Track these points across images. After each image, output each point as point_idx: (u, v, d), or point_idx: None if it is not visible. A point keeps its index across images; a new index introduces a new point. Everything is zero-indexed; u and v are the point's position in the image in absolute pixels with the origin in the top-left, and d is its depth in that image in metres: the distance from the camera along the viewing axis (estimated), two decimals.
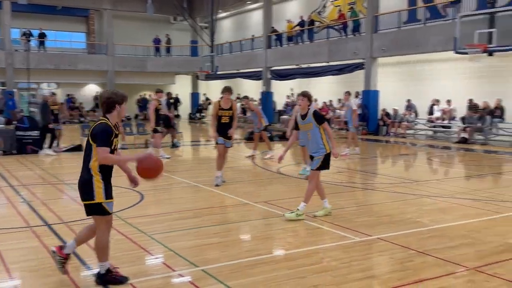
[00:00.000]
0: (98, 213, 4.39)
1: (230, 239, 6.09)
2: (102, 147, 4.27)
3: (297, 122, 7.14)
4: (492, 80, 19.21)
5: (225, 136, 9.52)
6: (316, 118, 6.85)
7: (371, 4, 22.09)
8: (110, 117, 4.42)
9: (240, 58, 31.64)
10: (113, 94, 4.45)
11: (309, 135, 6.98)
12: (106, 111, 4.43)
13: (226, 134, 9.51)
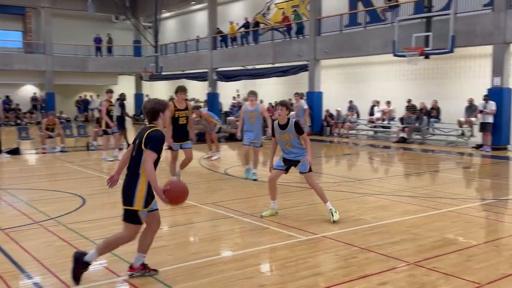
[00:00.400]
0: (132, 221, 4.49)
1: (177, 242, 6.02)
2: (152, 151, 4.38)
3: (273, 131, 6.98)
4: (428, 82, 20.11)
5: (182, 139, 9.13)
6: (297, 129, 6.79)
7: (313, 8, 22.54)
8: (156, 124, 4.61)
9: (185, 59, 31.38)
10: (156, 104, 4.67)
11: (288, 144, 6.89)
12: (152, 119, 4.64)
13: (184, 136, 9.13)
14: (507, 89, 16.08)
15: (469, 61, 18.72)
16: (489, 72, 16.60)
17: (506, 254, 5.48)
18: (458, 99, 17.95)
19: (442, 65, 19.50)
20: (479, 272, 4.87)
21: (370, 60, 21.78)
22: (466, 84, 18.56)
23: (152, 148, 4.37)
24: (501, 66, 15.94)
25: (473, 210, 7.73)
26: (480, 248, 5.70)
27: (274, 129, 7.00)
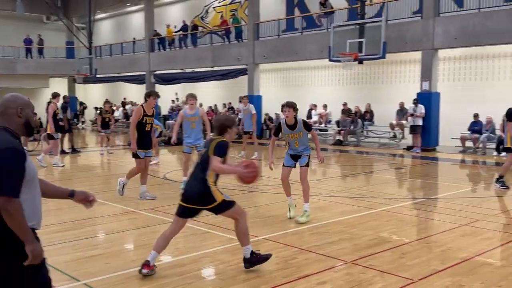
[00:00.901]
0: (227, 208, 4.93)
1: (114, 250, 5.85)
2: (217, 156, 4.78)
3: (282, 131, 7.13)
4: (362, 86, 20.83)
5: (148, 146, 8.64)
6: (307, 127, 7.13)
7: (251, 12, 22.74)
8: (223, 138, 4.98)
9: (121, 61, 30.62)
10: (225, 120, 5.09)
11: (297, 143, 7.10)
12: (220, 134, 5.02)
13: (149, 144, 8.67)
14: (435, 93, 16.97)
15: (400, 66, 19.59)
16: (419, 77, 17.45)
17: (437, 251, 5.77)
18: (390, 103, 18.73)
19: (375, 70, 20.28)
20: (412, 269, 5.09)
21: (308, 64, 22.25)
22: (397, 88, 19.40)
23: (217, 153, 4.79)
24: (430, 71, 16.81)
25: (405, 209, 8.08)
26: (412, 246, 5.96)
27: (282, 129, 7.19)
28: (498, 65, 16.97)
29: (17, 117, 2.86)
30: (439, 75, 17.60)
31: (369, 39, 16.12)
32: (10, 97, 2.91)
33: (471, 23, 15.76)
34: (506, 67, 16.80)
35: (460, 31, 16.03)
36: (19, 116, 2.86)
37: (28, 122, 2.91)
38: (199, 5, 28.69)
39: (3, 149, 2.67)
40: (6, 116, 2.85)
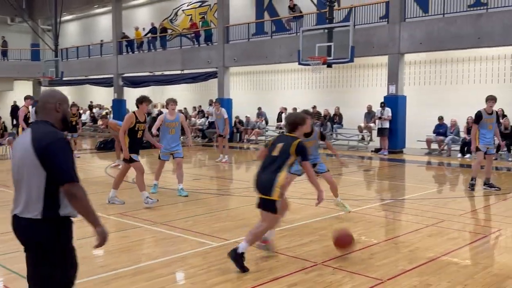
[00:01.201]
0: (271, 210, 5.15)
1: (82, 256, 5.68)
2: (307, 161, 5.37)
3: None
4: (331, 90, 21.08)
5: (138, 151, 8.43)
6: (322, 137, 7.86)
7: (221, 15, 22.73)
8: (295, 134, 5.44)
9: (89, 64, 30.10)
10: (297, 118, 5.59)
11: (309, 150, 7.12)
12: (291, 130, 5.48)
13: (139, 149, 8.48)
14: (402, 96, 17.32)
15: (368, 70, 19.93)
16: (385, 81, 17.79)
17: (404, 251, 5.89)
18: (358, 106, 19.02)
19: (343, 74, 20.56)
20: (380, 269, 5.18)
21: (277, 68, 22.38)
22: (365, 92, 19.72)
23: (306, 159, 5.36)
24: (396, 75, 17.15)
25: (373, 210, 8.22)
26: (381, 246, 6.07)
27: None
28: (461, 69, 17.46)
29: (55, 112, 3.03)
30: (405, 79, 17.99)
31: (337, 43, 16.33)
32: (50, 92, 3.11)
33: (435, 28, 16.19)
34: (469, 71, 17.30)
35: (425, 36, 16.43)
36: (57, 110, 3.04)
37: (65, 116, 3.10)
38: (168, 7, 28.49)
39: (61, 138, 2.93)
40: (46, 111, 3.03)
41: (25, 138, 2.93)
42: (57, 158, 2.85)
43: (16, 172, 2.98)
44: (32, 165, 2.87)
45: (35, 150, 2.86)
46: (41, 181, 2.87)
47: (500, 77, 16.60)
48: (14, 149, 3.08)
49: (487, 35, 15.09)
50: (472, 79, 17.19)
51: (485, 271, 5.13)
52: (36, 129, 2.97)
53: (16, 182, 2.99)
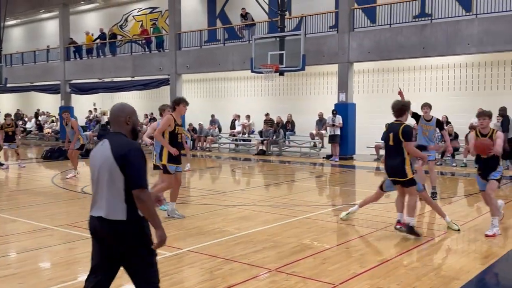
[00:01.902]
0: (411, 184, 6.56)
1: (28, 269, 5.50)
2: (410, 142, 6.47)
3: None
4: (284, 97, 21.32)
5: (178, 160, 7.66)
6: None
7: (173, 22, 22.55)
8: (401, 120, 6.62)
9: (34, 70, 29.07)
10: (404, 104, 6.75)
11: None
12: (399, 115, 6.66)
13: (180, 157, 7.72)
14: (352, 104, 17.75)
15: (319, 78, 20.31)
16: (336, 89, 18.18)
17: (356, 255, 6.00)
18: (310, 113, 19.32)
19: (295, 82, 20.85)
20: (333, 274, 5.26)
21: (230, 75, 22.42)
22: (316, 99, 20.06)
23: (409, 140, 6.43)
24: (346, 83, 17.57)
25: (325, 216, 8.35)
26: (333, 251, 6.16)
27: None
28: (408, 78, 18.09)
29: (126, 124, 3.43)
30: (355, 87, 18.44)
31: (289, 51, 16.55)
32: (119, 107, 3.49)
33: (383, 38, 16.72)
34: (415, 80, 17.95)
35: (373, 45, 16.94)
36: (127, 123, 3.43)
37: (135, 128, 3.49)
38: (117, 13, 27.99)
39: (137, 147, 3.32)
40: (118, 123, 3.43)
41: (104, 148, 3.31)
42: (133, 165, 3.24)
43: (97, 178, 3.34)
44: (113, 172, 3.25)
45: (115, 159, 3.24)
46: (121, 186, 3.24)
47: (444, 86, 17.34)
48: (93, 158, 3.41)
49: (431, 45, 15.74)
50: (417, 88, 17.84)
51: (433, 273, 5.30)
52: (113, 139, 3.35)
53: (97, 187, 3.35)
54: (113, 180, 3.25)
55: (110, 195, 3.27)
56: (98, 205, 3.33)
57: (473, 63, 16.67)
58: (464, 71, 16.95)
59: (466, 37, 15.09)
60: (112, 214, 3.25)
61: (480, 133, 6.94)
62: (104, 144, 3.35)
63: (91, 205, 3.40)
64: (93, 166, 3.40)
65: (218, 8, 23.48)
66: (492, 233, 6.68)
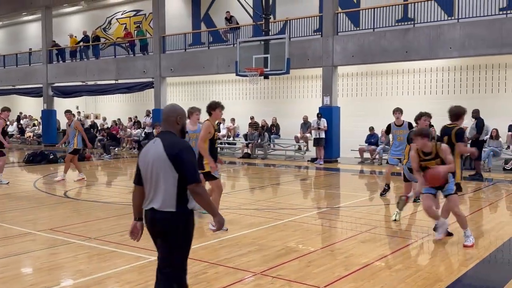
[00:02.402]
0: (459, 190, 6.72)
1: (10, 274, 5.41)
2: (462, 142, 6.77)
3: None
4: (268, 100, 21.37)
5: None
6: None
7: (157, 25, 22.47)
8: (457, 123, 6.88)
9: (16, 73, 28.68)
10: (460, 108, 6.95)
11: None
12: (455, 120, 6.91)
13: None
14: (336, 107, 17.85)
15: (303, 81, 20.40)
16: (320, 92, 18.27)
17: (340, 258, 6.03)
18: (295, 117, 19.38)
19: (280, 85, 20.91)
20: (318, 276, 5.27)
21: (215, 78, 22.40)
22: (301, 103, 20.14)
23: (461, 141, 6.75)
24: (330, 86, 17.67)
25: (310, 219, 8.37)
26: (318, 254, 6.18)
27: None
28: (391, 82, 18.28)
29: (176, 124, 3.69)
30: (339, 90, 18.57)
31: (273, 55, 16.60)
32: (170, 108, 3.77)
33: (366, 42, 16.87)
34: (398, 83, 18.14)
35: (356, 49, 17.08)
36: (178, 123, 3.70)
37: (184, 128, 3.76)
38: (101, 16, 27.79)
39: (188, 146, 3.64)
40: (169, 123, 3.69)
41: (157, 146, 3.58)
42: (186, 163, 3.53)
43: (150, 174, 3.59)
44: (166, 169, 3.52)
45: (168, 156, 3.51)
46: (174, 182, 3.54)
47: (426, 89, 17.55)
48: (145, 155, 3.65)
49: (414, 49, 15.93)
50: (400, 91, 18.03)
51: (416, 275, 5.35)
52: (165, 138, 3.61)
53: (150, 182, 3.60)
54: (165, 176, 3.54)
55: (162, 190, 3.55)
56: (150, 199, 3.62)
57: (455, 66, 16.92)
58: (446, 75, 17.18)
59: (448, 41, 15.31)
60: (164, 206, 3.56)
61: (423, 153, 6.43)
62: (156, 143, 3.60)
63: (145, 199, 3.68)
64: (145, 163, 3.64)
65: (203, 11, 23.47)
66: (470, 243, 6.38)
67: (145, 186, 3.67)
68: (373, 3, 17.53)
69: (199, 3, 23.59)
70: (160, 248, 3.73)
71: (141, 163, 3.69)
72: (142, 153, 3.71)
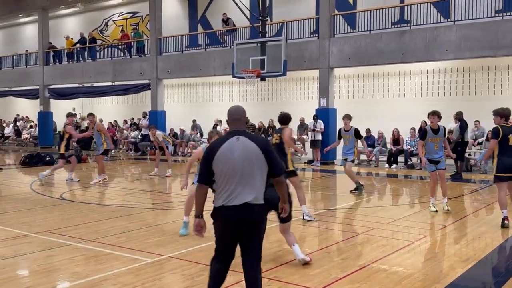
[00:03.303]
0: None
1: (6, 276, 5.40)
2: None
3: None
4: (265, 102, 21.37)
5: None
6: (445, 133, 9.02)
7: (153, 27, 22.46)
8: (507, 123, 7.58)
9: (12, 75, 28.60)
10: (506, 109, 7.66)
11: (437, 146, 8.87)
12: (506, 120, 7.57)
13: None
14: (332, 109, 17.87)
15: (300, 83, 20.42)
16: (317, 94, 18.29)
17: (337, 259, 6.04)
18: (291, 119, 19.35)
19: (276, 87, 20.93)
20: (314, 278, 5.28)
21: (212, 80, 22.39)
22: (297, 105, 20.13)
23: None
24: (327, 88, 17.69)
25: (307, 221, 8.36)
26: (314, 256, 6.18)
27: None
28: (387, 83, 18.31)
29: (245, 123, 4.04)
30: (335, 92, 18.59)
31: (270, 57, 16.61)
32: (240, 108, 4.09)
33: (363, 44, 16.91)
34: (394, 85, 18.18)
35: (353, 51, 17.11)
36: (246, 122, 4.06)
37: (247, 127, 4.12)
38: (98, 17, 27.76)
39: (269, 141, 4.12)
40: (241, 122, 3.97)
41: (245, 143, 3.81)
42: (274, 156, 3.87)
43: (241, 170, 3.77)
44: (261, 163, 3.80)
45: (262, 151, 3.79)
46: (264, 175, 3.85)
47: (422, 91, 17.59)
48: (230, 153, 3.79)
49: (410, 51, 15.98)
50: (397, 93, 18.07)
51: (413, 277, 5.36)
52: (248, 135, 3.88)
53: (239, 178, 3.77)
54: (260, 169, 3.81)
55: (256, 183, 3.80)
56: (236, 194, 3.78)
57: (451, 68, 16.97)
58: (442, 77, 17.23)
59: (444, 43, 15.36)
60: (257, 199, 3.81)
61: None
62: (241, 140, 3.82)
63: (225, 197, 3.80)
64: (230, 160, 3.79)
65: (200, 13, 23.47)
66: None
67: (227, 182, 3.79)
68: (369, 5, 17.58)
69: (195, 5, 23.60)
70: (248, 243, 3.92)
71: (224, 161, 3.79)
72: (222, 152, 3.80)
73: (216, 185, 3.88)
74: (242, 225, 3.81)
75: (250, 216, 3.79)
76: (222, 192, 3.82)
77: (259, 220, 3.87)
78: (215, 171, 3.84)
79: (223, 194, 3.82)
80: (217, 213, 3.86)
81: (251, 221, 3.82)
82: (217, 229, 3.93)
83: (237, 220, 3.80)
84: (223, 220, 3.84)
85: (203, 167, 3.89)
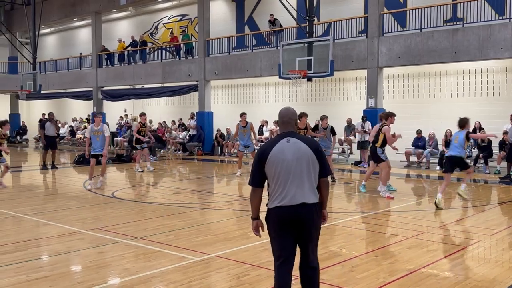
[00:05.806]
0: None
1: (59, 272, 5.61)
2: None
3: None
4: (311, 103, 21.22)
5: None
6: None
7: (202, 29, 22.80)
8: None
9: (68, 77, 29.82)
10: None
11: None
12: None
13: None
14: (381, 109, 17.49)
15: (347, 83, 20.15)
16: (365, 94, 17.99)
17: (385, 263, 5.90)
18: (338, 119, 19.14)
19: (323, 87, 20.74)
20: (361, 282, 5.18)
21: (258, 81, 22.48)
22: (344, 105, 19.90)
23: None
24: (375, 88, 17.37)
25: (354, 223, 8.24)
26: (362, 259, 6.07)
27: None
28: (439, 83, 17.76)
29: (295, 125, 4.08)
30: (384, 92, 18.22)
31: (317, 57, 16.47)
32: (291, 111, 4.11)
33: (413, 43, 16.48)
34: (446, 85, 17.61)
35: (403, 50, 16.71)
36: (295, 124, 4.10)
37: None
38: (148, 21, 28.48)
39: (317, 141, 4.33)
40: (290, 124, 4.04)
41: (297, 144, 3.88)
42: (324, 157, 3.98)
43: (293, 171, 3.83)
44: (314, 163, 3.87)
45: (314, 152, 3.87)
46: (316, 175, 3.92)
47: (476, 91, 16.94)
48: (281, 154, 3.84)
49: (464, 50, 15.43)
50: (449, 93, 17.50)
51: (465, 283, 5.17)
52: (300, 136, 3.97)
53: (292, 179, 3.82)
54: (313, 170, 3.88)
55: (310, 183, 3.87)
56: (292, 195, 3.83)
57: (507, 67, 16.25)
58: (497, 76, 16.53)
59: (499, 41, 14.74)
60: (312, 199, 3.87)
61: None
62: (293, 141, 3.88)
63: (280, 198, 3.84)
64: (284, 161, 3.84)
65: (247, 15, 23.62)
66: None
67: (280, 184, 3.84)
68: (420, 3, 17.12)
69: (243, 7, 23.76)
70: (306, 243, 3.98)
71: (277, 162, 3.84)
72: (274, 154, 3.85)
73: (270, 187, 3.91)
74: (299, 224, 3.85)
75: (307, 215, 3.85)
76: (277, 194, 3.86)
77: (316, 218, 3.94)
78: (267, 173, 3.88)
79: (277, 196, 3.85)
80: (273, 214, 3.88)
81: (308, 220, 3.86)
82: (273, 230, 3.94)
83: (295, 219, 3.84)
84: (280, 219, 3.87)
85: (255, 170, 3.92)
